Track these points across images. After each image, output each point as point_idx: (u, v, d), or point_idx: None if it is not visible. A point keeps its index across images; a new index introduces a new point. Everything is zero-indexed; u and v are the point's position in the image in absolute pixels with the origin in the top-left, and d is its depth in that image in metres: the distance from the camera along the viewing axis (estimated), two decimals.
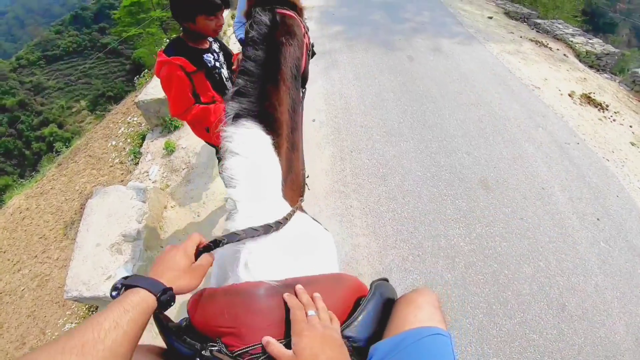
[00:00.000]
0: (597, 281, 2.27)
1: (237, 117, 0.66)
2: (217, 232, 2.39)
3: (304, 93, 1.13)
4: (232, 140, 0.64)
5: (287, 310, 0.55)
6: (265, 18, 0.74)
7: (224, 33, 5.20)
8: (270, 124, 0.68)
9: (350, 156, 2.91)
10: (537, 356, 1.87)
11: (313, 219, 0.82)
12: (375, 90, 3.77)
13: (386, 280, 0.70)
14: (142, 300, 0.48)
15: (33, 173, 5.73)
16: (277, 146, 0.69)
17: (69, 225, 3.06)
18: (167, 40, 5.02)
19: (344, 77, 4.01)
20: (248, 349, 0.51)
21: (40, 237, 3.05)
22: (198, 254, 0.61)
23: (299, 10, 0.86)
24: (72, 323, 2.39)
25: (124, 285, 0.51)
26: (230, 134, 0.64)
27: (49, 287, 2.63)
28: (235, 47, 2.48)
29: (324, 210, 2.48)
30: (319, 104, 3.53)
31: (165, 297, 0.51)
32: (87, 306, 2.35)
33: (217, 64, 1.62)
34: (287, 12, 0.80)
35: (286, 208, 0.69)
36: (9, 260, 3.00)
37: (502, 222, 2.50)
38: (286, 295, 0.55)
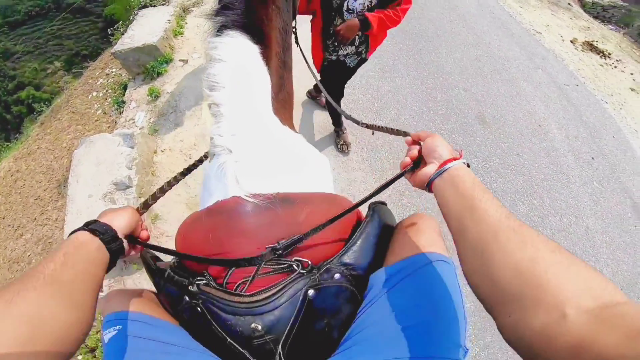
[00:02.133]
0: (589, 224, 2.29)
1: (222, 28, 0.61)
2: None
3: (294, 27, 1.08)
4: (216, 48, 0.60)
5: (280, 228, 0.50)
6: None
7: None
8: (257, 36, 0.64)
9: (345, 92, 2.78)
10: None
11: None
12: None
13: (384, 204, 0.65)
14: (73, 237, 0.46)
15: (17, 135, 5.52)
16: (265, 57, 0.65)
17: (62, 183, 2.98)
18: None
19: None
20: (233, 270, 0.48)
21: (36, 199, 2.98)
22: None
23: None
24: None
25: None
26: (214, 43, 0.60)
27: (53, 249, 2.62)
28: None
29: (319, 146, 2.39)
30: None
31: (96, 226, 0.48)
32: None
33: None
34: None
35: (276, 123, 0.66)
36: (9, 226, 2.95)
37: (499, 158, 2.47)
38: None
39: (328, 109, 2.27)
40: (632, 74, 4.01)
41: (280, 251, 0.48)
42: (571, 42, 4.27)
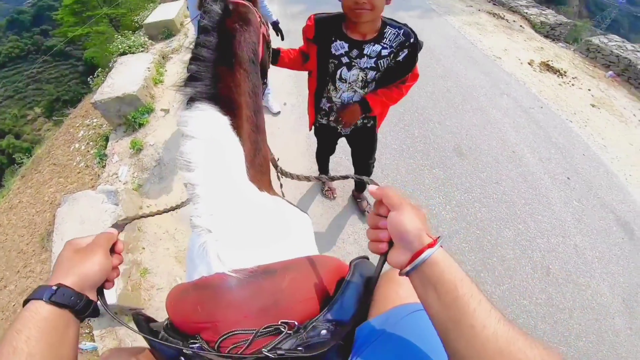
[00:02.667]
0: (576, 241, 2.36)
1: (191, 100, 0.62)
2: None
3: (265, 85, 1.10)
4: (186, 124, 0.60)
5: (264, 298, 0.53)
6: (216, 7, 0.73)
7: (181, 25, 4.94)
8: (226, 105, 0.65)
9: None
10: (531, 321, 1.92)
11: (289, 202, 0.79)
12: None
13: (366, 258, 0.68)
14: (33, 313, 0.42)
15: None
16: (236, 127, 0.66)
17: (45, 237, 2.91)
18: (118, 38, 4.73)
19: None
20: (225, 336, 0.49)
21: (19, 252, 2.90)
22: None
23: (253, 0, 0.86)
24: None
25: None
26: (185, 118, 0.60)
27: (11, 328, 2.49)
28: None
29: (305, 193, 2.43)
30: (288, 87, 3.43)
31: (60, 296, 0.43)
32: None
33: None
34: (241, 1, 0.79)
35: (254, 191, 0.66)
36: None
37: (479, 188, 2.56)
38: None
39: (317, 158, 2.26)
40: (589, 89, 4.29)
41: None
42: (529, 64, 4.56)
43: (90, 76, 5.10)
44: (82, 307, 0.45)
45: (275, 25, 2.33)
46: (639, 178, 3.03)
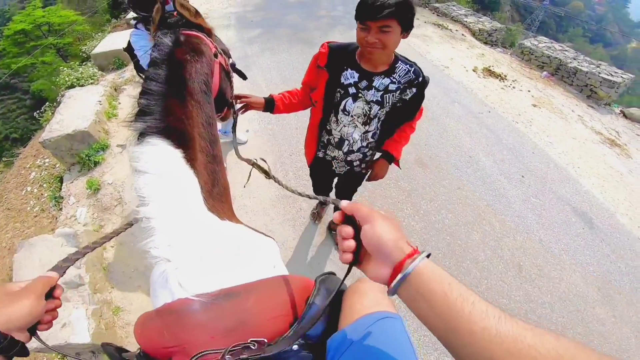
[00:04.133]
0: (540, 236, 2.51)
1: (142, 136, 0.63)
2: None
3: (235, 115, 1.09)
4: (138, 160, 0.61)
5: (230, 318, 0.53)
6: (167, 40, 0.74)
7: None
8: (178, 138, 0.66)
9: (290, 159, 2.89)
10: None
11: (252, 228, 0.79)
12: None
13: (332, 273, 0.71)
14: None
15: None
16: (189, 159, 0.67)
17: (6, 282, 2.65)
18: (64, 70, 4.49)
19: (269, 81, 3.96)
20: (196, 357, 0.49)
21: None
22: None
23: (207, 31, 0.87)
24: None
25: None
26: (136, 154, 0.62)
27: None
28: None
29: (274, 218, 2.41)
30: (250, 113, 3.37)
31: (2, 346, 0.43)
32: (57, 355, 2.10)
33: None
34: (193, 33, 0.80)
35: (214, 220, 0.67)
36: None
37: (443, 195, 2.68)
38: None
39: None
40: (529, 91, 4.70)
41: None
42: (473, 70, 4.91)
43: (37, 111, 4.79)
44: (6, 346, 0.44)
45: (233, 67, 2.28)
46: (586, 169, 3.32)
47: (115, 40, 4.92)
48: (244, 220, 0.82)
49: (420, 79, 1.25)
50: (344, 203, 0.51)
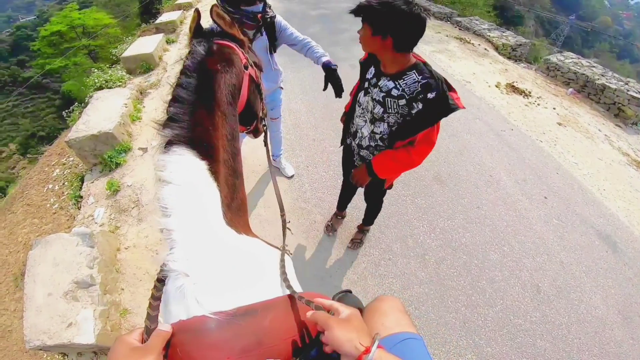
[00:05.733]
0: (561, 258, 2.42)
1: (169, 144, 0.63)
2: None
3: (265, 126, 1.10)
4: (163, 169, 0.61)
5: (247, 338, 0.52)
6: (200, 48, 0.74)
7: (160, 58, 4.95)
8: (204, 150, 0.66)
9: (307, 171, 2.89)
10: (529, 340, 1.92)
11: (267, 242, 0.79)
12: (323, 102, 3.80)
13: (349, 291, 0.70)
14: None
15: None
16: (213, 171, 0.67)
17: (19, 277, 2.81)
18: (95, 71, 4.69)
19: (290, 93, 4.00)
20: None
21: None
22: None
23: (240, 42, 0.87)
24: None
25: None
26: (162, 162, 0.61)
27: (13, 338, 2.44)
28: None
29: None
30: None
31: None
32: (59, 354, 2.14)
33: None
34: (226, 43, 0.81)
35: (232, 235, 0.67)
36: None
37: (461, 213, 2.61)
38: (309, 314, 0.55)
39: (341, 189, 2.24)
40: (554, 108, 4.55)
41: None
42: (496, 86, 4.81)
43: (66, 111, 5.00)
44: None
45: (327, 69, 1.83)
46: (612, 192, 3.18)
47: (143, 44, 5.10)
48: (258, 230, 0.81)
49: (430, 95, 1.14)
50: (308, 314, 0.56)
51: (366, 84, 1.38)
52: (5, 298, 2.71)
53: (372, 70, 1.35)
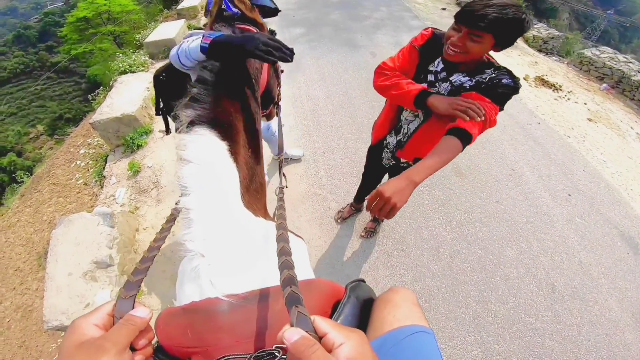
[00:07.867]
0: (581, 258, 2.33)
1: (191, 124, 0.63)
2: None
3: (279, 108, 1.09)
4: (185, 148, 0.61)
5: (257, 322, 0.52)
6: (225, 31, 0.75)
7: None
8: (225, 131, 0.66)
9: (324, 157, 2.86)
10: (538, 339, 1.88)
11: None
12: (342, 89, 3.75)
13: (362, 281, 0.69)
14: None
15: None
16: (233, 152, 0.67)
17: (43, 256, 2.93)
18: (120, 56, 4.81)
19: (309, 79, 3.96)
20: None
21: (16, 270, 2.91)
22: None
23: (260, 26, 0.88)
24: None
25: None
26: (184, 142, 0.62)
27: (33, 317, 2.51)
28: None
29: (302, 215, 2.41)
30: (286, 108, 3.45)
31: None
32: None
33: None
34: (247, 27, 0.82)
35: (249, 217, 0.67)
36: None
37: (479, 207, 2.54)
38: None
39: (361, 183, 2.19)
40: (585, 103, 4.32)
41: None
42: (524, 79, 4.60)
43: (91, 94, 5.16)
44: None
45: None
46: None
47: (166, 29, 5.17)
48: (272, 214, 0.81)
49: (505, 80, 1.13)
50: (283, 333, 0.52)
51: (431, 77, 1.25)
52: (29, 277, 2.81)
53: (439, 63, 1.22)
